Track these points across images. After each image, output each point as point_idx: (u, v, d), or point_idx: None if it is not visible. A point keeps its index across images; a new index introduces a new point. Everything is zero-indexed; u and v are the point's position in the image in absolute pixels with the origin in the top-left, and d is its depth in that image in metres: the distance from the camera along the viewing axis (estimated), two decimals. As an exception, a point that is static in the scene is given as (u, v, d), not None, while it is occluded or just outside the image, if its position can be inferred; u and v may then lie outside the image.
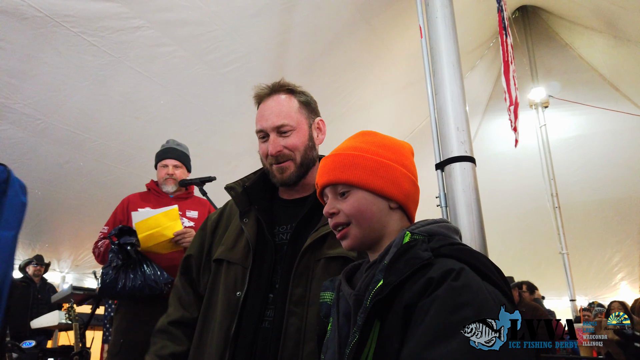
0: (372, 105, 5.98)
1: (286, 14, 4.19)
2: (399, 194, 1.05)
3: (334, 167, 1.06)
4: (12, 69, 3.52)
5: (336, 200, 1.05)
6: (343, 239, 1.05)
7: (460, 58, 1.78)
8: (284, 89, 1.45)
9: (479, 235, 1.43)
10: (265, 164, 1.43)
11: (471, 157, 1.55)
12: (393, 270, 0.89)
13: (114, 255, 2.48)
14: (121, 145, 4.49)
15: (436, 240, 0.94)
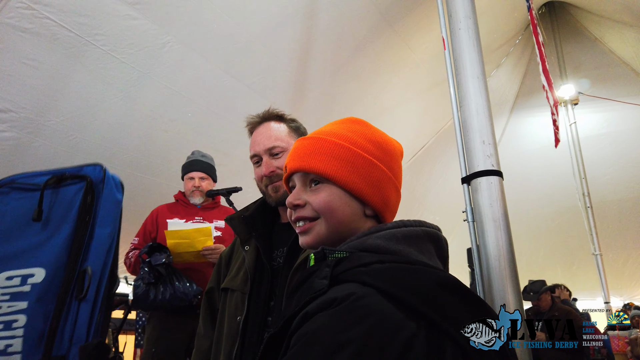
0: (398, 108, 5.94)
1: (309, 22, 4.19)
2: (379, 200, 0.90)
3: (310, 151, 0.90)
4: (45, 88, 3.61)
5: (304, 191, 0.91)
6: (304, 234, 0.90)
7: (485, 70, 1.74)
8: (273, 117, 1.54)
9: (507, 251, 1.39)
10: (261, 186, 1.50)
11: (498, 171, 1.51)
12: (292, 300, 0.79)
13: (145, 273, 2.53)
14: (150, 158, 4.56)
15: (348, 260, 0.78)
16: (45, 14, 3.17)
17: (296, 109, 4.88)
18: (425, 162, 7.39)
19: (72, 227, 0.92)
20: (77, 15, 3.29)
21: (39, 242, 0.93)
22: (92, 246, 0.91)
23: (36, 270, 0.91)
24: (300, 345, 0.64)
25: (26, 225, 0.94)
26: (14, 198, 0.98)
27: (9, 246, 0.94)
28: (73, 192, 0.97)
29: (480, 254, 1.41)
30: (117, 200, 0.98)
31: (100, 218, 0.93)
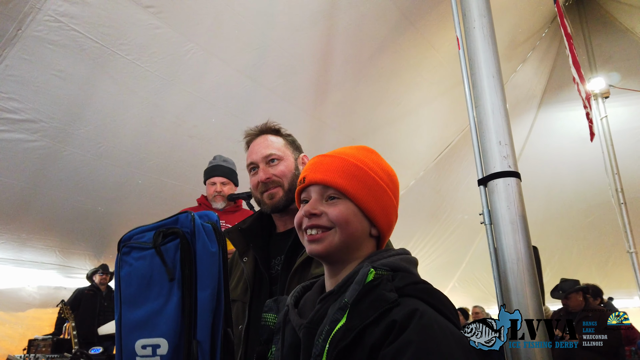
0: (422, 107, 5.88)
1: (330, 24, 4.19)
2: (385, 223, 1.00)
3: (333, 168, 0.99)
4: (73, 98, 3.73)
5: (320, 203, 0.98)
6: (315, 242, 0.96)
7: (500, 69, 1.69)
8: (270, 130, 1.60)
9: (526, 254, 1.36)
10: (257, 194, 1.56)
11: (515, 172, 1.48)
12: (357, 312, 0.83)
13: None
14: (176, 163, 4.66)
15: (400, 278, 0.89)
16: (71, 26, 3.27)
17: (318, 112, 4.89)
18: (452, 160, 7.29)
19: (180, 292, 0.87)
20: (102, 26, 3.38)
21: (158, 308, 0.89)
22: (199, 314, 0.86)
23: (161, 341, 0.87)
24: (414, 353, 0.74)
25: (146, 287, 0.90)
26: (134, 257, 0.94)
27: (138, 311, 0.91)
28: (173, 250, 0.90)
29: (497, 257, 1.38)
30: (211, 253, 0.90)
31: (199, 279, 0.88)
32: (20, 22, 3.11)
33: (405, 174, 6.98)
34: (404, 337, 0.76)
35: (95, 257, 5.89)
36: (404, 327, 0.77)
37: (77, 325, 5.21)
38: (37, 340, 4.88)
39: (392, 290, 0.84)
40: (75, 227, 5.05)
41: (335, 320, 0.84)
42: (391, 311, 0.81)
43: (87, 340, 5.10)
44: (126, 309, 0.94)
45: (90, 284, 5.85)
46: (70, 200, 4.58)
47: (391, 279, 0.88)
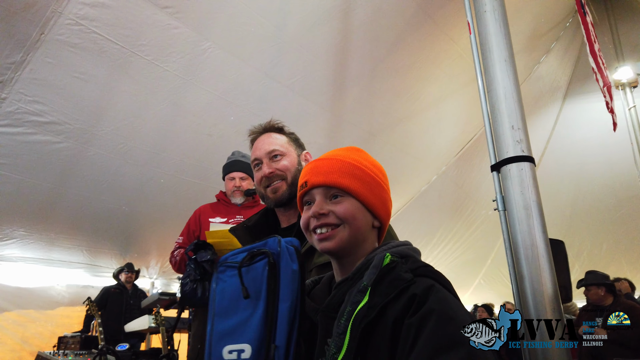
0: (442, 101, 5.81)
1: (346, 19, 4.18)
2: (385, 215, 1.09)
3: (333, 170, 1.06)
4: (95, 99, 3.81)
5: (325, 203, 1.05)
6: (326, 239, 1.03)
7: (513, 53, 1.64)
8: (274, 128, 1.66)
9: (541, 239, 1.32)
10: (260, 189, 1.61)
11: (529, 157, 1.44)
12: (377, 291, 0.91)
13: (191, 270, 2.60)
14: (196, 162, 4.71)
15: (412, 262, 0.97)
16: (92, 28, 3.34)
17: (336, 107, 4.88)
18: (474, 155, 7.18)
19: (265, 304, 1.00)
20: (122, 28, 3.45)
21: (245, 318, 1.02)
22: (279, 322, 0.98)
23: (245, 347, 1.00)
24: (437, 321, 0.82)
25: (236, 301, 1.04)
26: (228, 275, 1.07)
27: (229, 321, 1.04)
28: (261, 268, 1.03)
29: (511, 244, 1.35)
30: (292, 271, 1.02)
31: (281, 292, 1.00)
32: (43, 26, 3.20)
33: (427, 170, 6.91)
34: (426, 307, 0.84)
35: (121, 256, 6.01)
36: (424, 299, 0.86)
37: (104, 322, 5.33)
38: (66, 337, 5.01)
39: (408, 272, 0.93)
40: (100, 226, 5.16)
41: (356, 301, 0.91)
42: (409, 288, 0.89)
43: (114, 337, 5.21)
44: (218, 320, 1.06)
45: (117, 282, 5.97)
46: (95, 199, 4.68)
47: (404, 262, 0.96)
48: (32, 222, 4.68)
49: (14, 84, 3.40)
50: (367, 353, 0.87)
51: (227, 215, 2.91)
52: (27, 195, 4.26)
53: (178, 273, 2.86)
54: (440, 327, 0.82)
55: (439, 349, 0.80)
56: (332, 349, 0.89)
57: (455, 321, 0.83)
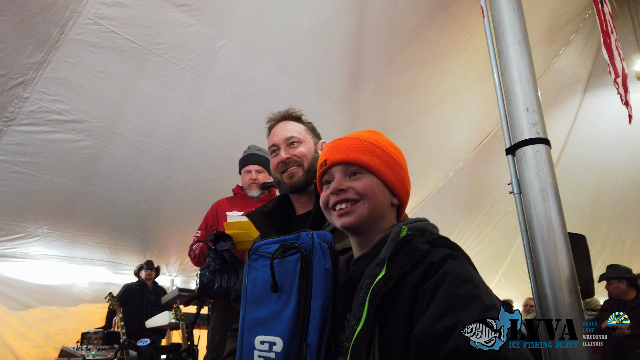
0: (458, 95, 5.75)
1: (360, 14, 4.17)
2: (403, 192, 1.11)
3: (351, 148, 1.08)
4: (114, 98, 3.88)
5: (345, 179, 1.07)
6: (346, 215, 1.04)
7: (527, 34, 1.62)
8: (292, 116, 1.69)
9: (558, 221, 1.30)
10: (276, 175, 1.63)
11: (545, 139, 1.42)
12: (395, 263, 0.92)
13: (211, 260, 2.63)
14: (213, 159, 4.76)
15: (428, 234, 0.99)
16: (110, 28, 3.40)
17: (352, 103, 4.87)
18: (493, 149, 7.09)
19: (297, 300, 0.99)
20: (139, 26, 3.50)
21: (277, 311, 1.02)
22: (311, 320, 0.97)
23: (277, 339, 1.00)
24: (451, 281, 0.84)
25: (268, 292, 1.03)
26: (261, 265, 1.07)
27: (260, 311, 1.04)
28: (293, 263, 1.02)
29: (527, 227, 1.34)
30: (325, 269, 1.01)
31: (314, 291, 0.99)
32: (63, 26, 3.28)
33: (444, 165, 6.86)
34: (441, 271, 0.86)
35: (142, 253, 6.10)
36: (441, 265, 0.87)
37: (126, 319, 5.43)
38: (89, 333, 5.11)
39: (424, 243, 0.94)
40: (121, 224, 5.25)
41: (374, 274, 0.92)
42: (426, 258, 0.90)
43: (136, 333, 5.29)
44: (250, 308, 1.07)
45: (137, 279, 6.07)
46: (116, 197, 4.76)
47: (422, 235, 0.98)
48: (55, 220, 4.79)
49: (35, 84, 3.49)
50: (386, 322, 0.87)
51: (243, 208, 2.94)
52: (49, 193, 4.36)
53: (197, 267, 2.89)
54: (453, 287, 0.83)
55: (451, 308, 0.80)
56: (352, 321, 0.89)
57: (469, 283, 0.84)
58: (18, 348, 5.21)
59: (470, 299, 0.81)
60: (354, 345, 0.86)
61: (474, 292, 0.83)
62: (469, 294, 0.82)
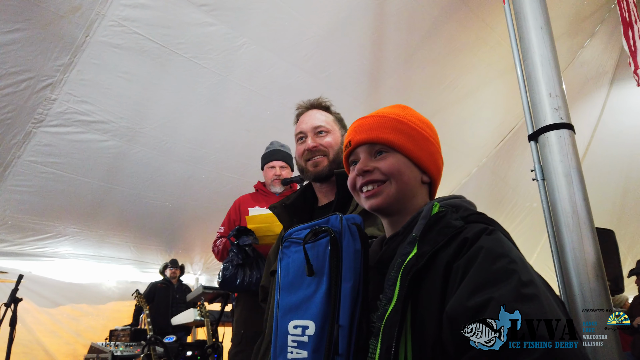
0: (480, 90, 5.68)
1: (379, 9, 4.16)
2: (434, 168, 1.06)
3: (375, 126, 1.05)
4: (138, 98, 3.96)
5: (370, 160, 1.04)
6: (373, 196, 1.02)
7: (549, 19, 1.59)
8: (322, 106, 1.71)
9: (583, 207, 1.27)
10: (301, 162, 1.63)
11: (568, 124, 1.39)
12: (426, 240, 0.88)
13: (234, 254, 2.65)
14: (235, 157, 4.81)
15: (463, 210, 0.94)
16: (133, 29, 3.47)
17: (371, 99, 4.86)
18: (516, 145, 6.98)
19: (328, 282, 0.99)
20: (161, 27, 3.57)
21: (309, 295, 1.02)
22: (342, 302, 0.97)
23: (309, 323, 1.00)
24: (485, 256, 0.79)
25: (300, 277, 1.04)
26: (293, 251, 1.06)
27: (293, 296, 1.05)
28: (323, 245, 1.02)
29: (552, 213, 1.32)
30: (355, 250, 1.00)
31: (344, 272, 0.98)
32: (88, 28, 3.36)
33: (466, 161, 6.78)
34: (475, 246, 0.82)
35: (167, 252, 6.20)
36: (475, 240, 0.83)
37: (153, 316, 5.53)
38: (117, 330, 5.23)
39: (458, 220, 0.90)
40: (146, 223, 5.34)
41: (405, 253, 0.88)
42: (460, 234, 0.86)
43: (162, 330, 5.39)
44: (284, 294, 1.08)
45: (163, 277, 6.18)
46: (141, 196, 4.86)
47: (455, 211, 0.93)
48: (83, 219, 4.91)
49: (63, 85, 3.59)
50: (419, 301, 0.84)
51: (266, 204, 2.96)
52: (77, 193, 4.47)
53: (221, 262, 2.93)
54: (487, 262, 0.78)
55: (484, 284, 0.76)
56: (383, 301, 0.87)
57: (505, 258, 0.79)
58: (49, 345, 5.36)
59: (505, 274, 0.76)
60: (385, 325, 0.84)
61: (510, 267, 0.78)
62: (504, 269, 0.77)
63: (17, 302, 3.63)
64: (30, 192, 4.26)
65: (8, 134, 3.73)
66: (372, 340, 0.87)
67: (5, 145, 3.79)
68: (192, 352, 4.34)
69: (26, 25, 3.19)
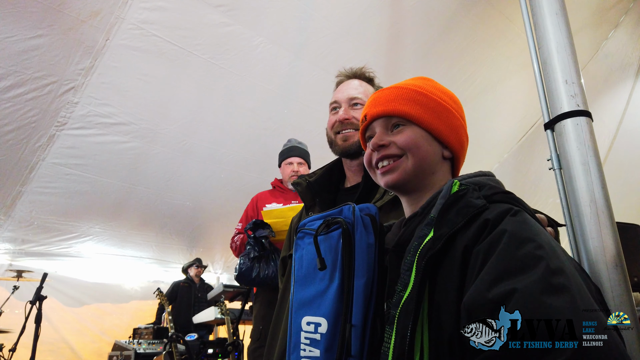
0: (500, 84, 5.59)
1: (396, 4, 4.13)
2: (457, 143, 0.99)
3: (392, 98, 0.98)
4: (157, 99, 4.02)
5: (386, 134, 0.97)
6: (389, 172, 0.95)
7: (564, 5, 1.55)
8: (364, 77, 1.58)
9: (601, 196, 1.23)
10: (331, 134, 1.51)
11: (586, 111, 1.35)
12: (444, 221, 0.80)
13: (250, 247, 2.67)
14: (254, 156, 4.84)
15: (487, 188, 0.85)
16: (152, 32, 3.53)
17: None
18: (538, 140, 6.85)
19: (340, 278, 0.93)
20: (179, 29, 3.61)
21: (322, 290, 0.96)
22: (354, 300, 0.91)
23: (321, 320, 0.94)
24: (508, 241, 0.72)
25: (314, 270, 0.99)
26: (306, 242, 1.03)
27: (306, 291, 0.99)
28: (335, 238, 0.96)
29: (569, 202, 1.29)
30: (368, 244, 0.94)
31: (357, 268, 0.92)
32: (108, 32, 3.42)
33: (488, 157, 6.69)
34: (497, 230, 0.74)
35: (188, 251, 6.28)
36: (497, 223, 0.75)
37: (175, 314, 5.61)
38: (140, 328, 5.32)
39: (479, 198, 0.82)
40: (167, 222, 5.42)
41: (423, 235, 0.81)
42: (481, 215, 0.78)
43: (185, 329, 5.46)
44: (297, 287, 1.03)
45: (185, 276, 6.26)
46: (162, 196, 4.93)
47: (478, 189, 0.85)
48: (106, 219, 5.01)
49: (84, 89, 3.66)
50: (435, 289, 0.77)
51: (282, 201, 2.98)
52: (100, 194, 4.57)
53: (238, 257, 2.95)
54: (511, 247, 0.70)
55: (506, 273, 0.68)
56: (399, 288, 0.80)
57: (531, 243, 0.71)
58: (75, 343, 5.49)
59: (531, 261, 0.68)
60: (400, 313, 0.77)
61: (536, 253, 0.69)
62: (530, 255, 0.69)
63: (42, 300, 3.70)
64: (54, 194, 4.37)
65: (33, 137, 3.82)
66: (387, 329, 0.81)
67: (30, 148, 3.89)
68: (213, 349, 4.38)
69: (48, 31, 3.27)
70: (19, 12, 3.13)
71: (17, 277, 4.58)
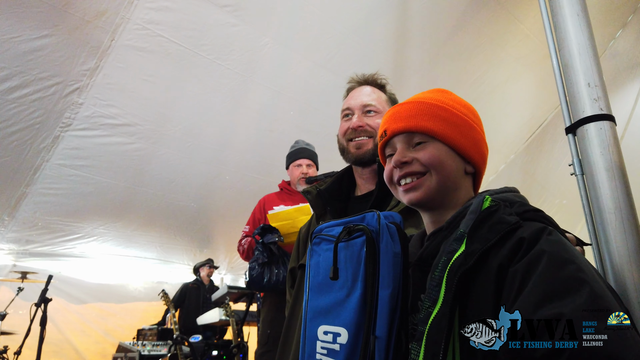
0: (508, 84, 5.54)
1: (403, 4, 4.09)
2: (479, 157, 0.97)
3: (413, 113, 0.95)
4: (163, 100, 3.99)
5: (408, 150, 0.95)
6: (412, 190, 0.93)
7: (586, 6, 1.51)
8: (376, 83, 1.55)
9: (625, 202, 1.19)
10: (343, 141, 1.48)
11: (609, 115, 1.31)
12: (476, 237, 0.78)
13: (259, 253, 2.64)
14: (259, 157, 4.81)
15: (518, 205, 0.84)
16: (157, 32, 3.49)
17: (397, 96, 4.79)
18: (545, 141, 6.81)
19: (363, 288, 0.90)
20: (185, 29, 3.58)
21: (341, 299, 0.93)
22: (379, 311, 0.87)
23: (341, 330, 0.91)
24: (549, 262, 0.71)
25: None
26: (324, 249, 0.99)
27: (323, 299, 0.96)
28: (359, 246, 0.92)
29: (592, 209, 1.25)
30: (394, 254, 0.90)
31: (382, 278, 0.88)
32: (113, 32, 3.39)
33: (494, 158, 6.64)
34: (535, 249, 0.73)
35: (192, 252, 6.25)
36: (534, 242, 0.74)
37: (184, 316, 5.59)
38: (144, 329, 5.30)
39: (511, 215, 0.80)
40: (171, 223, 5.39)
41: (452, 250, 0.79)
42: (515, 232, 0.77)
43: (193, 330, 5.44)
44: (312, 295, 0.99)
45: (195, 277, 6.23)
46: (166, 197, 4.90)
47: (509, 206, 0.84)
48: (110, 220, 4.98)
49: (89, 90, 3.64)
50: (467, 305, 0.75)
51: (290, 203, 2.94)
52: (104, 195, 4.54)
53: (246, 261, 2.92)
54: (553, 270, 0.69)
55: (551, 296, 0.67)
56: (427, 303, 0.78)
57: (572, 265, 0.70)
58: (79, 344, 5.47)
59: (576, 284, 0.68)
60: (429, 330, 0.75)
61: (579, 275, 0.68)
62: (573, 278, 0.68)
63: (47, 303, 3.69)
64: (59, 195, 4.34)
65: (37, 138, 3.80)
66: (413, 345, 0.79)
67: (35, 149, 3.87)
68: (218, 351, 4.36)
69: (54, 31, 3.24)
70: (24, 12, 3.10)
71: (21, 278, 4.56)
